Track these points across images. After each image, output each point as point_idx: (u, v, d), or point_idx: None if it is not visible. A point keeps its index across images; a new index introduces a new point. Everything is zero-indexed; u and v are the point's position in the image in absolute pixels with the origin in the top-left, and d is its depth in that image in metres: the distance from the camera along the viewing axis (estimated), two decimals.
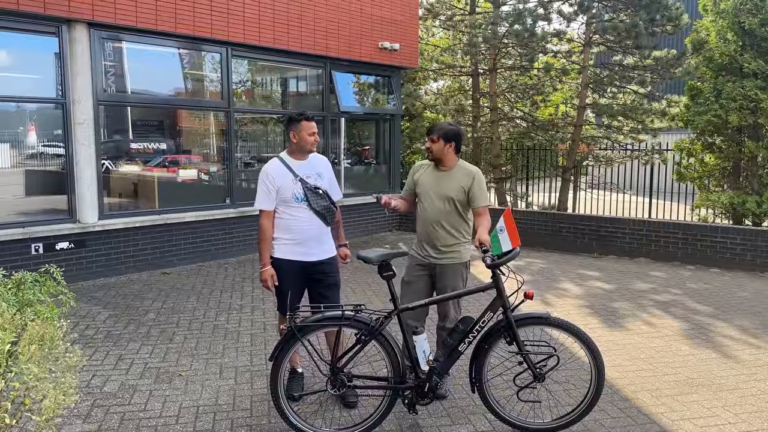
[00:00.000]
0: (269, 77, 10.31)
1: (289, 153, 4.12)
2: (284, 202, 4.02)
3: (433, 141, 4.04)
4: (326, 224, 4.11)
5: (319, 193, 4.05)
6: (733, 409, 4.03)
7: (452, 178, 4.07)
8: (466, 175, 4.07)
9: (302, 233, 4.03)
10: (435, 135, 4.03)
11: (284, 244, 4.05)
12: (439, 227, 4.07)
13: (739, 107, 10.33)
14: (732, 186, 11.33)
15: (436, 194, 4.07)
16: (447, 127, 4.06)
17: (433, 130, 4.07)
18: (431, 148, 4.06)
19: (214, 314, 6.08)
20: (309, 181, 4.04)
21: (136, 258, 7.84)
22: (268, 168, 4.06)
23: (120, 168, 8.24)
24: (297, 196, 4.00)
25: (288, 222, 4.03)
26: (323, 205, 4.06)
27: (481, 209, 4.06)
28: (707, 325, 5.89)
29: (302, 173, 4.05)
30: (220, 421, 3.80)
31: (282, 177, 4.01)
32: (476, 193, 4.05)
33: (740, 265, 8.44)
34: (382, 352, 3.51)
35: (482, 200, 4.07)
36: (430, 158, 4.12)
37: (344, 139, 11.08)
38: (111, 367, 4.66)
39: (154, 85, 8.45)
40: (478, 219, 4.03)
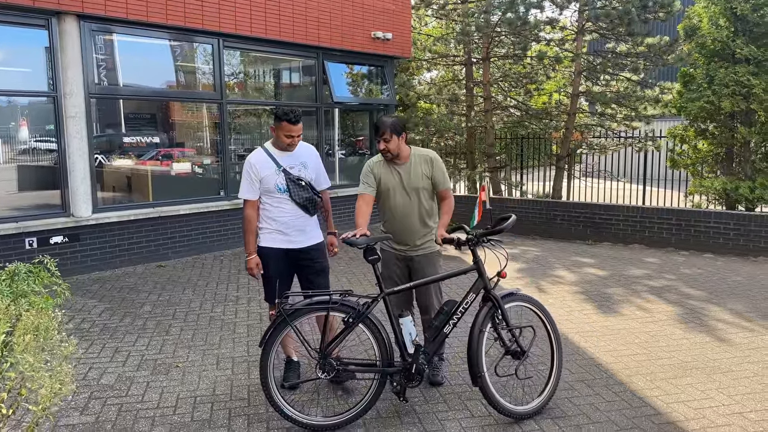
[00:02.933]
0: (262, 68, 10.27)
1: (273, 144, 4.13)
2: (267, 192, 4.05)
3: (386, 140, 3.93)
4: (309, 215, 4.14)
5: (301, 184, 4.06)
6: (727, 391, 4.06)
7: (413, 168, 4.02)
8: (425, 162, 4.04)
9: (285, 223, 4.06)
10: (386, 134, 3.91)
11: (268, 233, 4.09)
12: (412, 221, 4.04)
13: (731, 93, 10.36)
14: (725, 172, 11.38)
15: (403, 189, 4.02)
16: (390, 121, 3.95)
17: (380, 129, 3.93)
18: (387, 147, 3.94)
19: (210, 306, 6.08)
20: (292, 172, 4.06)
21: (131, 251, 7.83)
22: (252, 158, 4.07)
23: (113, 162, 8.21)
24: (279, 187, 4.02)
25: (271, 212, 4.07)
26: (305, 197, 4.08)
27: (444, 191, 4.07)
28: (701, 309, 5.93)
29: (286, 164, 4.06)
30: (217, 411, 3.81)
31: (265, 167, 4.03)
32: (438, 177, 4.05)
33: (733, 250, 8.49)
34: (369, 335, 3.56)
35: (445, 182, 4.06)
36: (390, 157, 4.00)
37: (338, 129, 11.07)
38: (107, 359, 4.67)
39: (146, 77, 8.40)
40: (443, 203, 4.04)
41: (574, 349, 4.86)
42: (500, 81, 14.16)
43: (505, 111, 14.63)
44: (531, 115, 14.08)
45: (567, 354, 4.76)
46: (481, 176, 13.61)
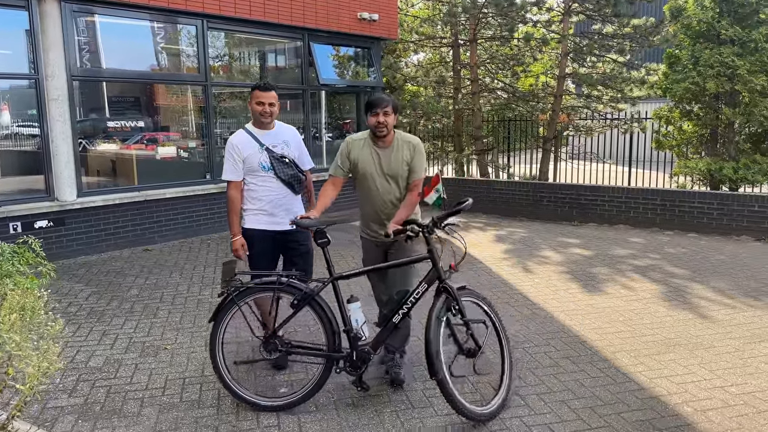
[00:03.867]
0: (247, 51, 10.17)
1: (254, 124, 4.11)
2: (251, 171, 4.02)
3: (386, 114, 3.69)
4: (295, 193, 4.12)
5: (285, 161, 4.05)
6: (709, 366, 4.14)
7: (395, 152, 3.81)
8: (408, 148, 3.82)
9: (271, 202, 4.04)
10: (389, 107, 3.69)
11: (254, 214, 4.06)
12: (390, 208, 3.84)
13: (716, 74, 10.43)
14: (709, 153, 11.48)
15: (382, 174, 3.81)
16: (390, 98, 3.79)
17: (382, 102, 3.69)
18: (386, 122, 3.70)
19: (197, 289, 6.08)
20: (275, 150, 4.04)
21: (117, 235, 7.78)
22: (233, 139, 4.05)
23: (97, 147, 8.13)
24: (264, 165, 4.01)
25: (256, 192, 4.04)
26: (290, 174, 4.06)
27: (416, 181, 3.83)
28: (684, 287, 6.02)
29: (268, 142, 4.05)
30: (206, 392, 3.83)
31: (247, 147, 4.01)
32: (416, 165, 3.82)
33: (717, 229, 8.60)
34: (316, 319, 3.52)
35: (420, 172, 3.84)
36: (383, 134, 3.74)
37: (325, 112, 11.01)
38: (95, 342, 4.66)
39: (129, 60, 8.29)
40: (409, 194, 3.80)
41: (559, 327, 4.92)
42: (487, 63, 14.14)
43: (492, 93, 14.63)
44: (518, 98, 14.09)
45: (553, 332, 4.82)
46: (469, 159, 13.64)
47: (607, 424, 3.39)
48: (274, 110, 4.04)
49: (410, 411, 3.56)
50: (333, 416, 3.51)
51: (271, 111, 4.01)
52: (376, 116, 3.69)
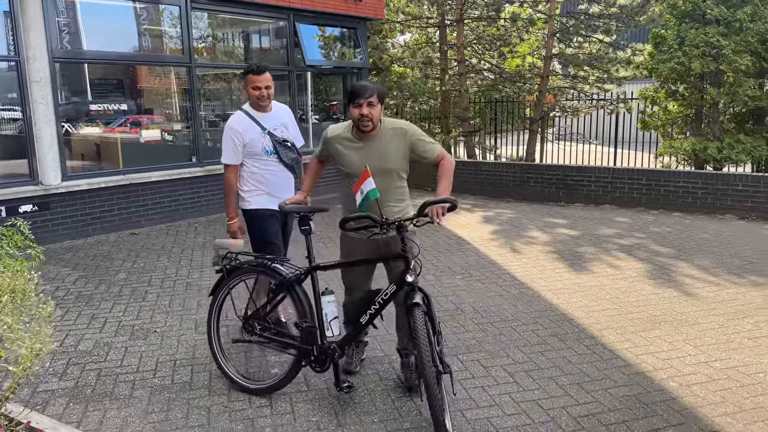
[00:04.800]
0: (231, 31, 10.05)
1: (251, 105, 4.08)
2: (253, 155, 4.01)
3: (371, 104, 3.23)
4: (294, 175, 4.18)
5: (287, 146, 4.08)
6: (694, 342, 4.22)
7: (384, 144, 3.35)
8: (398, 136, 3.36)
9: (274, 185, 4.08)
10: (374, 97, 3.23)
11: (258, 195, 4.08)
12: (383, 206, 3.33)
13: (701, 54, 10.47)
14: (694, 133, 11.57)
15: (372, 171, 3.24)
16: (378, 87, 3.35)
17: (365, 91, 3.24)
18: (370, 114, 3.23)
19: (186, 272, 6.06)
20: (277, 134, 4.05)
21: (103, 219, 7.72)
22: (233, 122, 4.00)
23: (80, 130, 8.03)
24: (267, 149, 4.01)
25: (259, 174, 4.06)
26: (292, 158, 4.10)
27: (437, 158, 3.42)
28: (669, 265, 6.10)
29: (269, 126, 4.04)
30: (198, 373, 3.84)
31: (249, 131, 3.98)
32: (424, 146, 3.40)
33: (701, 208, 8.70)
34: (293, 308, 3.44)
35: (434, 149, 3.42)
36: (368, 128, 3.28)
37: (311, 94, 10.94)
38: (84, 326, 4.64)
39: (112, 41, 8.16)
40: (442, 170, 3.40)
41: (546, 306, 4.98)
42: (474, 44, 14.08)
43: (479, 74, 14.59)
44: (505, 79, 14.07)
45: (540, 310, 4.87)
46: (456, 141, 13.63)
47: (594, 400, 3.44)
48: (271, 92, 4.00)
49: (401, 389, 3.59)
50: (325, 395, 3.53)
51: (268, 94, 3.98)
52: (359, 107, 3.23)
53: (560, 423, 3.21)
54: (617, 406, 3.38)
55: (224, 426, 3.22)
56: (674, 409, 3.32)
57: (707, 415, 3.27)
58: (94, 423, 3.25)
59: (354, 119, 3.30)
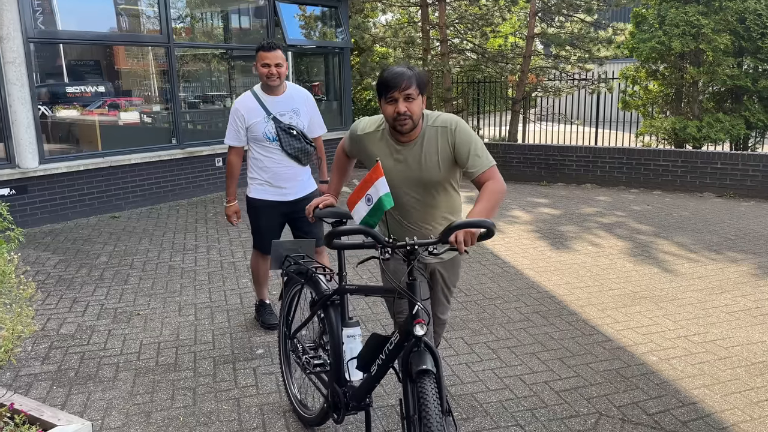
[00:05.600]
0: (210, 11, 9.89)
1: (262, 87, 3.79)
2: (256, 140, 3.78)
3: (409, 98, 2.37)
4: (301, 165, 3.89)
5: (292, 133, 3.77)
6: (673, 317, 4.29)
7: (425, 148, 2.51)
8: (443, 135, 2.50)
9: (276, 174, 3.83)
10: (412, 87, 2.36)
11: (258, 184, 3.88)
12: (426, 227, 2.68)
13: (681, 33, 10.52)
14: (674, 112, 11.66)
15: (409, 183, 2.57)
16: (418, 73, 2.43)
17: (401, 81, 2.35)
18: (410, 112, 2.38)
19: (168, 255, 6.02)
20: (283, 120, 3.75)
21: (83, 202, 7.62)
22: (237, 103, 3.77)
23: (58, 113, 7.88)
24: (268, 135, 3.75)
25: (261, 161, 3.83)
26: (297, 147, 3.79)
27: (485, 174, 2.48)
28: (649, 243, 6.18)
29: (276, 110, 3.76)
30: (182, 355, 3.83)
31: (253, 114, 3.73)
32: (471, 154, 2.48)
33: (681, 186, 8.81)
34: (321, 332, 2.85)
35: (483, 162, 2.49)
36: (409, 128, 2.43)
37: (293, 74, 10.83)
38: (66, 310, 4.60)
39: (88, 21, 7.99)
40: (485, 191, 2.43)
41: (529, 284, 5.03)
42: (456, 23, 14.01)
43: (462, 54, 14.55)
44: (487, 59, 14.05)
45: (523, 288, 4.92)
46: None
47: (576, 374, 3.50)
48: (282, 71, 3.68)
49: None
50: None
51: (278, 72, 3.67)
52: (393, 103, 2.38)
53: (543, 398, 3.26)
54: (598, 380, 3.44)
55: (210, 406, 3.22)
56: (654, 383, 3.39)
57: (686, 387, 3.34)
58: (79, 405, 3.24)
59: (388, 119, 2.45)
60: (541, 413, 3.11)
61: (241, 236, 6.64)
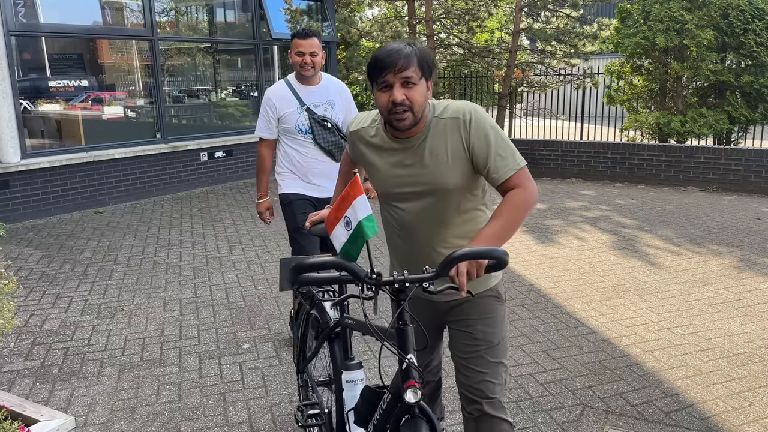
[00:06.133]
0: (195, 4, 9.80)
1: (296, 77, 3.56)
2: (287, 132, 3.55)
3: (409, 83, 1.83)
4: (335, 160, 3.60)
5: (327, 126, 3.53)
6: (657, 310, 4.33)
7: (430, 147, 1.94)
8: (455, 129, 1.91)
9: (307, 169, 3.57)
10: (411, 68, 1.83)
11: (290, 179, 3.61)
12: (438, 245, 2.04)
13: (665, 29, 10.59)
14: (658, 107, 11.75)
15: (412, 193, 1.99)
16: (421, 49, 1.88)
17: (398, 59, 1.82)
18: (409, 99, 1.84)
19: (153, 250, 5.98)
20: (317, 111, 3.52)
21: (66, 197, 7.54)
22: (269, 92, 3.55)
23: (40, 107, 7.78)
24: (301, 127, 3.51)
25: (291, 155, 3.58)
26: (331, 141, 3.55)
27: (510, 181, 1.91)
28: (634, 236, 6.23)
29: (310, 101, 3.52)
30: (167, 351, 3.81)
31: (286, 104, 3.51)
32: (492, 151, 1.90)
33: (665, 181, 8.89)
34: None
35: (510, 161, 1.92)
36: (409, 123, 1.88)
37: (278, 68, 10.77)
38: (49, 306, 4.56)
39: (71, 14, 7.89)
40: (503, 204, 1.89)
41: (514, 277, 5.05)
42: (443, 18, 14.00)
43: (448, 49, 14.54)
44: (474, 54, 14.05)
45: (508, 282, 4.95)
46: None
47: (561, 367, 3.53)
48: (317, 60, 3.44)
49: (374, 361, 3.62)
50: None
51: (313, 62, 3.43)
52: (387, 92, 1.85)
53: (528, 389, 3.28)
54: (583, 372, 3.47)
55: (195, 402, 3.21)
56: (638, 374, 3.42)
57: (669, 378, 3.37)
58: (62, 401, 3.21)
59: (382, 111, 1.91)
60: (526, 405, 3.13)
61: (227, 231, 6.61)
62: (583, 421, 2.97)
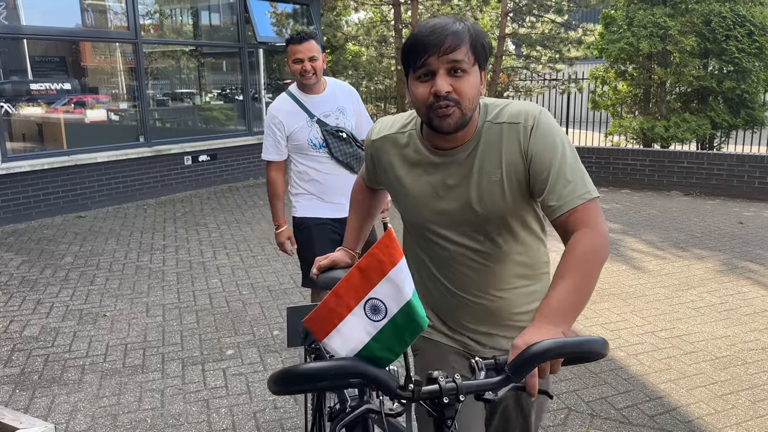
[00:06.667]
0: (180, 7, 9.75)
1: (299, 87, 3.15)
2: (299, 149, 3.12)
3: (458, 69, 1.38)
4: (354, 173, 3.22)
5: (342, 137, 3.12)
6: (641, 314, 4.36)
7: (480, 160, 1.51)
8: (512, 136, 1.48)
9: (327, 186, 3.15)
10: (461, 49, 1.37)
11: (306, 199, 3.19)
12: (488, 297, 1.63)
13: (649, 34, 10.70)
14: (642, 112, 11.86)
15: (454, 220, 1.57)
16: (474, 28, 1.42)
17: (445, 35, 1.36)
18: (457, 91, 1.39)
19: (135, 255, 5.91)
20: (329, 122, 3.10)
21: (47, 202, 7.44)
22: (273, 108, 3.12)
23: (21, 110, 7.68)
24: (314, 142, 3.09)
25: (306, 173, 3.17)
26: (348, 153, 3.15)
27: (576, 215, 1.45)
28: (618, 240, 6.27)
29: (319, 111, 3.10)
30: (150, 357, 3.76)
31: (294, 119, 3.09)
32: (555, 171, 1.45)
33: (649, 185, 8.96)
34: None
35: (578, 187, 1.45)
36: (455, 124, 1.41)
37: (263, 72, 10.73)
38: (29, 311, 4.49)
39: (53, 16, 7.80)
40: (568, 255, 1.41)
41: None
42: None
43: None
44: None
45: None
46: None
47: None
48: (318, 65, 3.03)
49: None
50: None
51: (314, 67, 3.02)
52: (428, 82, 1.41)
53: None
54: (568, 375, 3.47)
55: (179, 408, 3.17)
56: (622, 378, 3.44)
57: (653, 382, 3.39)
58: (42, 409, 3.15)
59: (420, 108, 1.44)
60: None
61: (211, 235, 6.56)
62: (569, 425, 2.97)
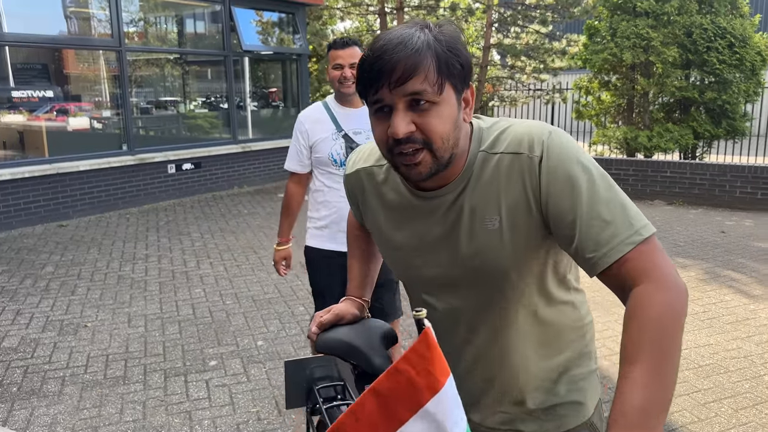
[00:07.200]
0: (164, 15, 9.70)
1: (336, 98, 2.82)
2: (319, 163, 2.78)
3: (418, 103, 1.03)
4: None
5: None
6: None
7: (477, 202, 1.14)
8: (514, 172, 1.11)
9: (339, 210, 2.75)
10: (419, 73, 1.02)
11: (317, 228, 2.83)
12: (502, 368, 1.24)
13: (632, 45, 10.83)
14: (626, 122, 11.98)
15: (450, 276, 1.20)
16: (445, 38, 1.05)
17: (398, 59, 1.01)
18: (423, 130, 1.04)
19: (117, 265, 5.84)
20: (357, 140, 2.74)
21: (28, 210, 7.34)
22: (303, 116, 2.82)
23: (2, 118, 7.58)
24: (335, 157, 2.74)
25: (322, 194, 2.79)
26: None
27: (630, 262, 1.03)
28: None
29: (350, 127, 2.75)
30: (132, 368, 3.70)
31: (320, 128, 2.76)
32: (584, 212, 1.05)
33: (632, 194, 9.03)
34: None
35: (621, 228, 1.04)
36: (422, 171, 1.08)
37: (249, 81, 10.71)
38: (8, 322, 4.40)
39: (36, 23, 7.73)
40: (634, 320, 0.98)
41: None
42: None
43: None
44: None
45: None
46: None
47: None
48: None
49: None
50: (265, 385, 3.47)
51: (354, 75, 2.55)
52: (384, 119, 1.08)
53: None
54: None
55: (161, 420, 3.12)
56: (607, 387, 3.44)
57: None
58: (21, 421, 3.09)
59: (381, 150, 1.13)
60: None
61: (195, 245, 6.50)
62: None
